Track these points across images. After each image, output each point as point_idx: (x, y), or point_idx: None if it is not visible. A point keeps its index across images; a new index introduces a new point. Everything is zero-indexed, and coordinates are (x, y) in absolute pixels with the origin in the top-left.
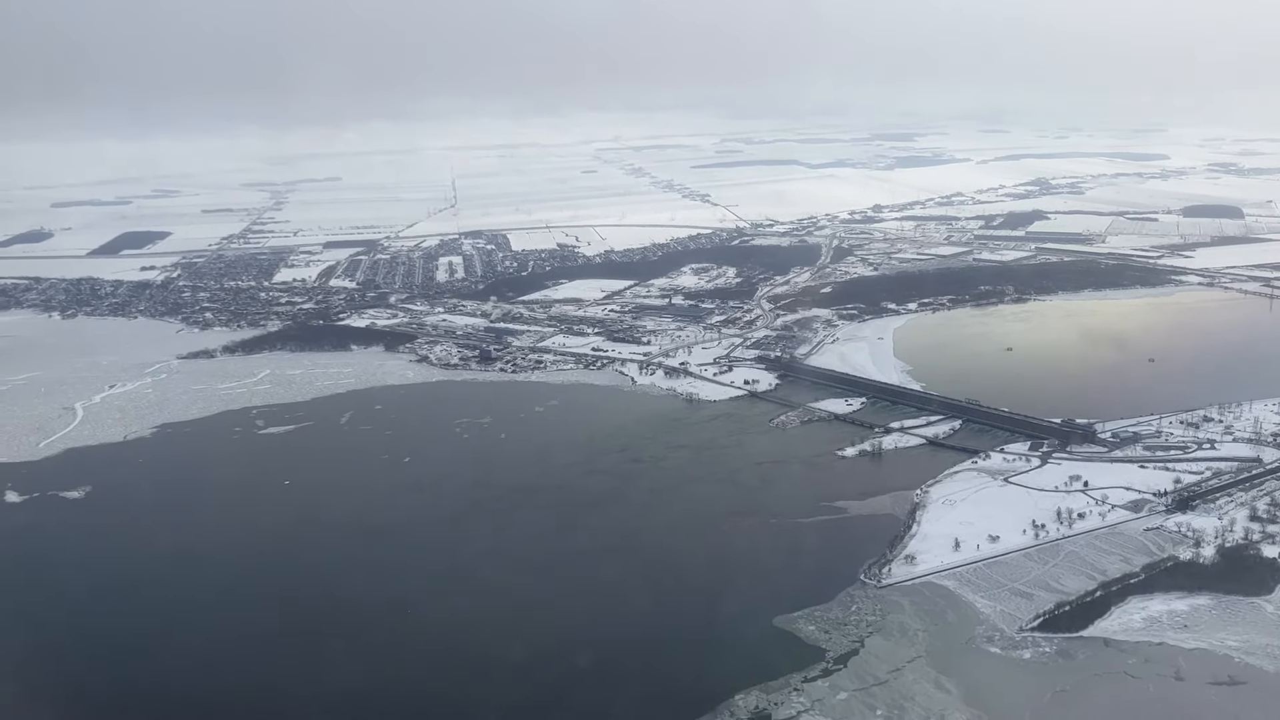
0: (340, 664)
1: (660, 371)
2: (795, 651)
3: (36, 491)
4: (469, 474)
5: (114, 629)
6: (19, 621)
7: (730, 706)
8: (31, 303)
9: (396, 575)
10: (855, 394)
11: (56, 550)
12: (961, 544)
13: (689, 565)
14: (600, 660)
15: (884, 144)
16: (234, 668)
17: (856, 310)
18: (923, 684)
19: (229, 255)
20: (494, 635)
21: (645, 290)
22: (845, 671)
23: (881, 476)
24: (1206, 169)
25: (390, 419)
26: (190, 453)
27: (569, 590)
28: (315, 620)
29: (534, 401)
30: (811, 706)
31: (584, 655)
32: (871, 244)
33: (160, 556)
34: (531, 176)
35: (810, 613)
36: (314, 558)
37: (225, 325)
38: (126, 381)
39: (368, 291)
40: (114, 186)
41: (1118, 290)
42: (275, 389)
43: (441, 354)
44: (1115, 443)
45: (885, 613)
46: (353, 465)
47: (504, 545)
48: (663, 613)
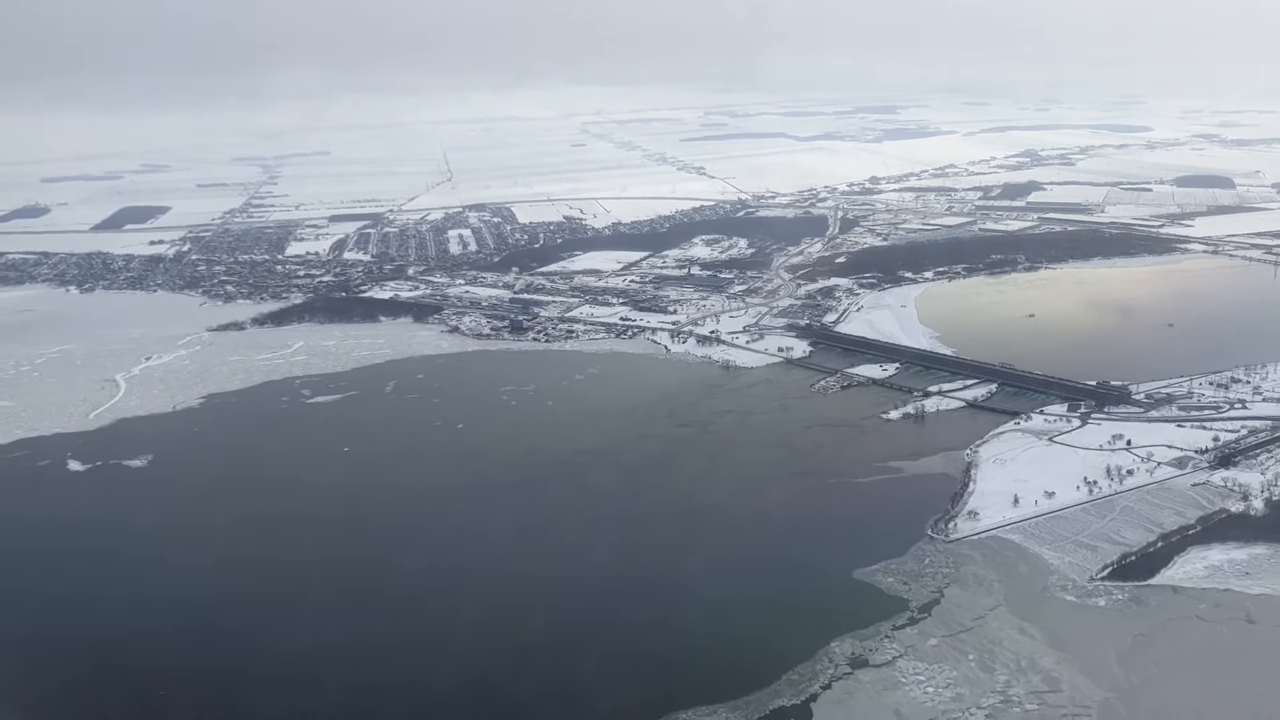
0: (443, 621)
1: (693, 340)
2: (879, 602)
3: (99, 460)
4: (524, 440)
5: (220, 588)
6: (124, 584)
7: (828, 653)
8: (44, 277)
9: (474, 537)
10: (889, 360)
11: (138, 516)
12: (1020, 500)
13: (760, 524)
14: (695, 612)
15: (868, 117)
16: (340, 625)
17: (875, 279)
18: (1007, 630)
19: (235, 229)
20: (587, 592)
21: (661, 261)
22: (931, 620)
23: (928, 438)
24: (1190, 140)
25: (435, 388)
26: (243, 422)
27: (648, 548)
28: (408, 579)
29: (573, 370)
30: (905, 652)
31: (678, 608)
32: (875, 215)
33: (242, 520)
34: (521, 150)
35: (886, 566)
36: (392, 521)
37: (247, 298)
38: (162, 354)
39: (384, 264)
40: (101, 161)
41: (1126, 258)
42: (312, 360)
43: (471, 324)
44: (1150, 403)
45: (958, 565)
46: (407, 432)
47: (573, 507)
48: (746, 568)
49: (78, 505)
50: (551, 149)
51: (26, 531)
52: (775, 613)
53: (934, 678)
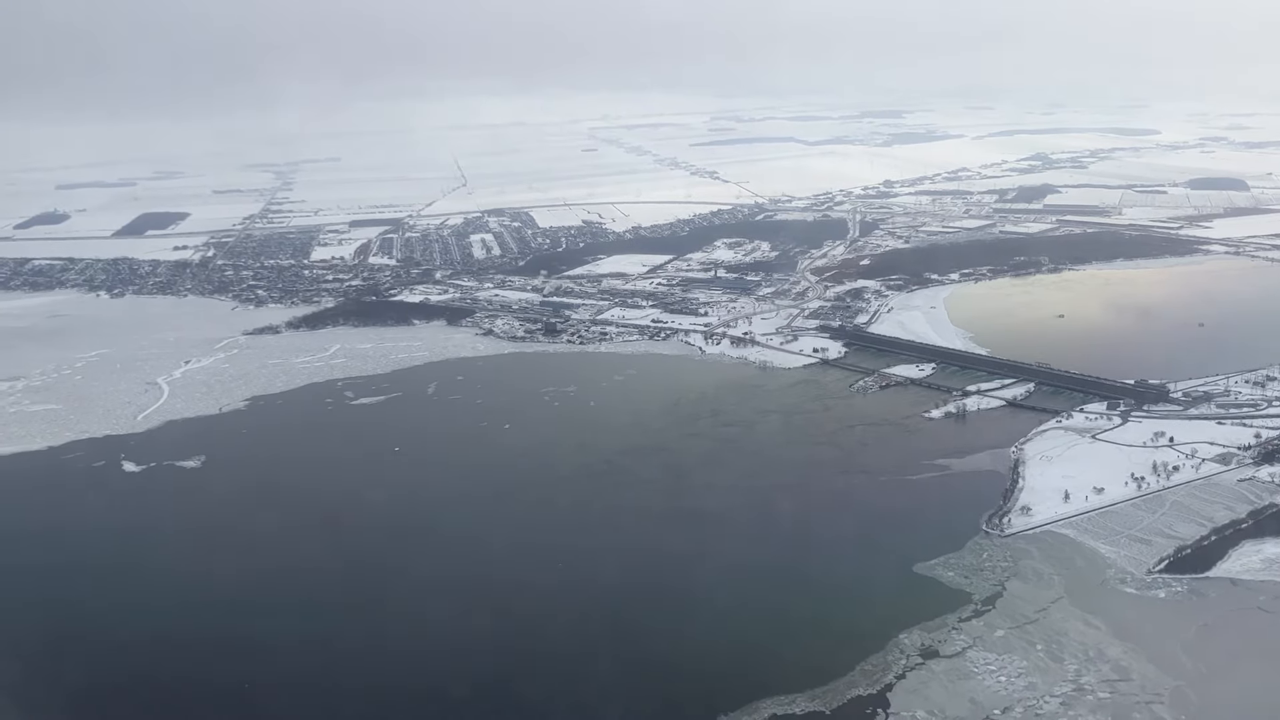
0: (529, 613)
1: (726, 341)
2: (942, 595)
3: (152, 461)
4: (571, 439)
5: (290, 587)
6: (195, 582)
7: (898, 644)
8: (73, 282)
9: (537, 533)
10: (924, 360)
11: (199, 516)
12: (1071, 496)
13: (816, 520)
14: (764, 604)
15: (874, 121)
16: (413, 624)
17: (901, 281)
18: (1071, 621)
19: (257, 235)
20: (656, 586)
21: (685, 264)
22: (995, 612)
23: (972, 436)
24: (1199, 143)
25: (476, 389)
26: (290, 423)
27: (709, 544)
28: (478, 570)
29: (611, 371)
30: (974, 643)
31: (747, 601)
32: (893, 218)
33: (305, 520)
34: (532, 155)
35: (945, 560)
36: (455, 520)
37: (278, 302)
38: (200, 357)
39: (411, 268)
40: (113, 168)
41: (1148, 259)
42: (351, 362)
43: (505, 327)
44: (1188, 401)
45: (1016, 559)
46: (456, 433)
47: (629, 502)
48: (808, 563)
49: (139, 506)
50: (562, 154)
51: (95, 533)
52: (842, 606)
53: (1005, 667)
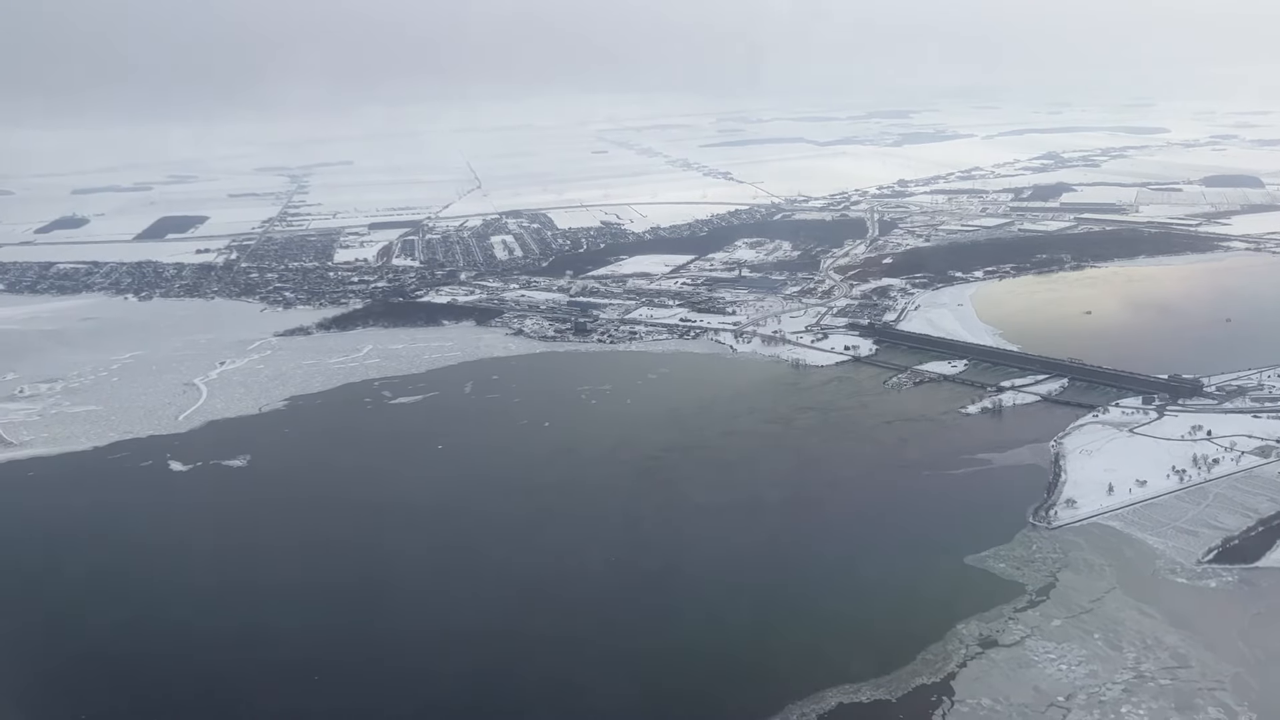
0: (594, 607)
1: (757, 339)
2: (995, 586)
3: (199, 461)
4: (611, 436)
5: (350, 581)
6: (256, 576)
7: (956, 634)
8: (99, 286)
9: (590, 528)
10: (956, 356)
11: (251, 513)
12: (1114, 488)
13: (865, 514)
14: (821, 597)
15: (882, 121)
16: (475, 614)
17: (926, 279)
18: (1126, 611)
19: (278, 238)
20: (713, 579)
21: (708, 264)
22: (1049, 602)
23: (1010, 431)
24: (1210, 140)
25: (512, 388)
26: (332, 422)
27: (760, 536)
28: (535, 561)
29: (644, 369)
30: (1031, 633)
31: (804, 594)
32: (911, 217)
33: (357, 516)
34: (543, 157)
35: (996, 552)
36: (505, 515)
37: (306, 304)
38: (235, 358)
39: (435, 270)
40: (127, 173)
41: (1170, 256)
42: (385, 362)
43: (535, 327)
44: (1222, 395)
45: (1066, 551)
46: (497, 430)
47: (676, 498)
48: (861, 556)
49: (193, 505)
50: (573, 156)
51: (154, 532)
52: (898, 598)
53: (1065, 656)
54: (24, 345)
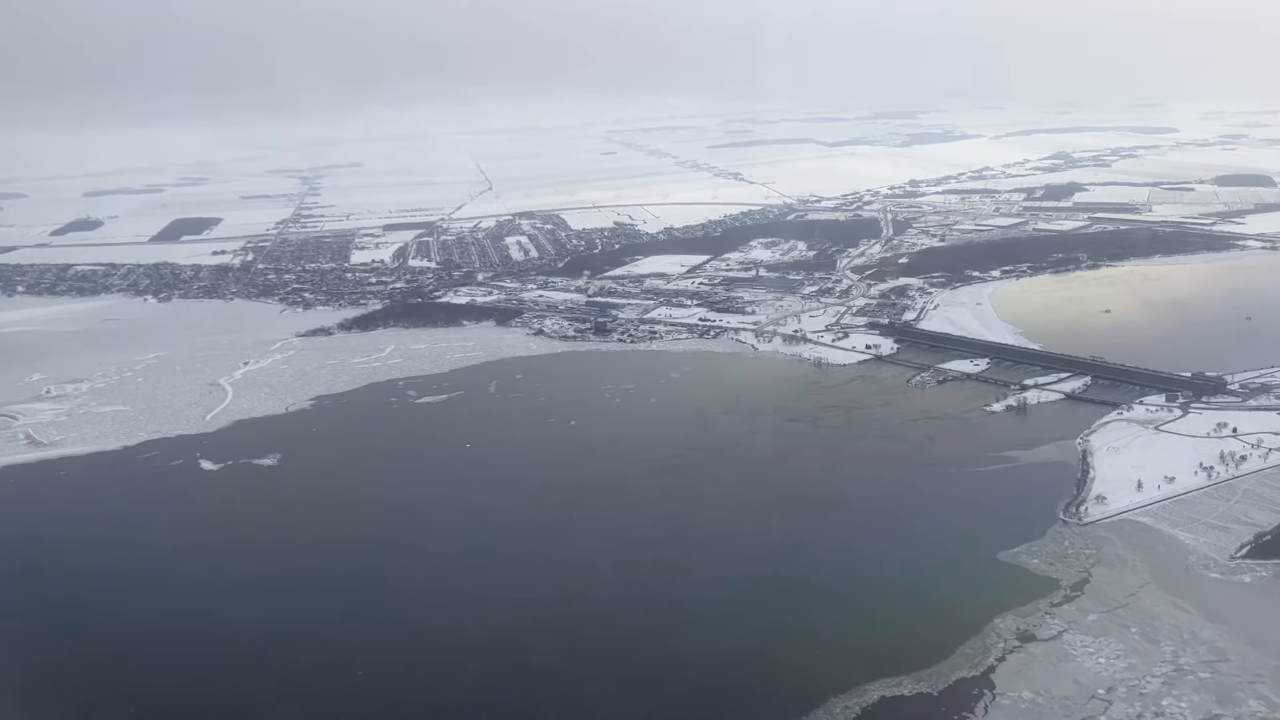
0: (632, 605)
1: (778, 338)
2: (1030, 582)
3: (229, 460)
4: (637, 435)
5: (390, 579)
6: (298, 573)
7: (994, 629)
8: (118, 287)
9: (622, 529)
10: (978, 355)
11: (287, 512)
12: (1143, 485)
13: (894, 511)
14: (857, 591)
15: (890, 122)
16: (512, 613)
17: (943, 278)
18: (1161, 606)
19: (293, 239)
20: (746, 577)
21: (724, 264)
22: (1084, 597)
23: (1035, 428)
24: (1220, 140)
25: (536, 387)
26: (359, 421)
27: (794, 536)
28: (569, 561)
29: (666, 369)
30: (1068, 627)
31: (840, 587)
32: (925, 217)
33: (391, 514)
34: (552, 159)
35: (1028, 548)
36: (536, 513)
37: (326, 305)
38: (257, 359)
39: (452, 270)
40: (138, 175)
41: (1185, 255)
42: (408, 362)
43: (555, 327)
44: (1246, 393)
45: (1098, 546)
46: (523, 430)
47: (708, 497)
48: (894, 552)
49: (225, 502)
50: (583, 157)
51: (189, 529)
52: (934, 593)
53: (1103, 650)
54: (48, 346)
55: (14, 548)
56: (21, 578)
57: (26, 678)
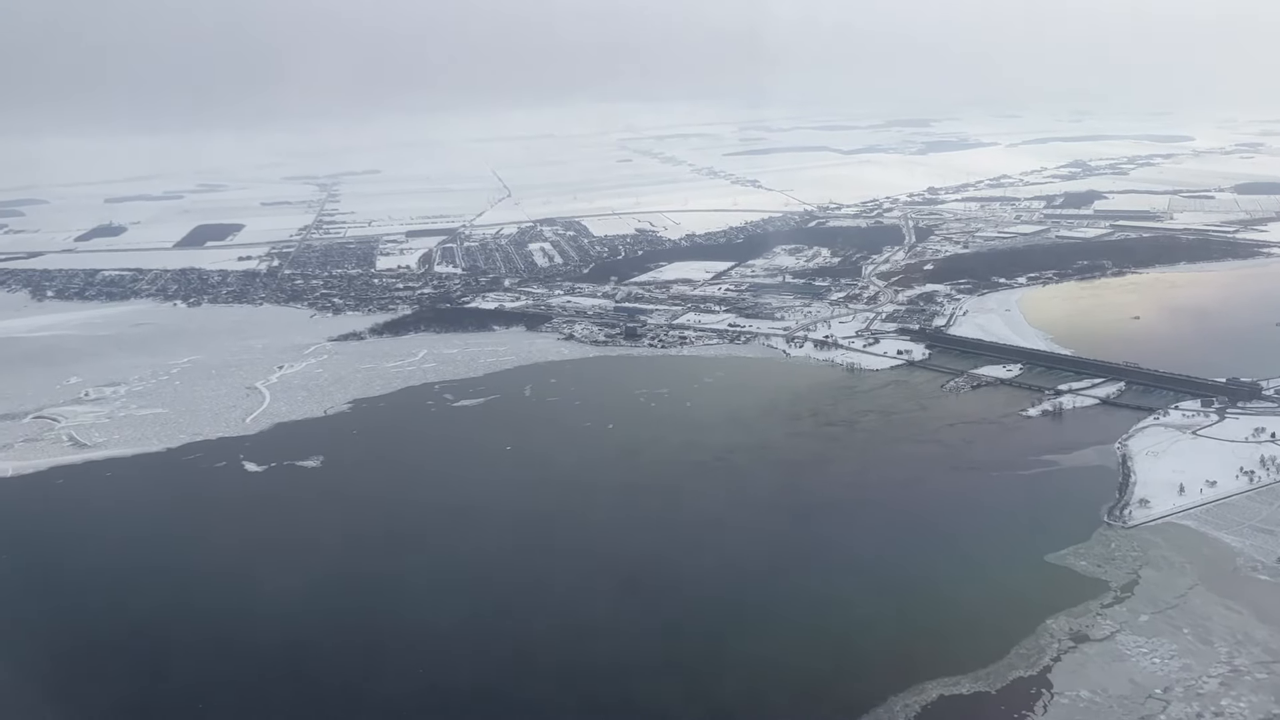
0: (667, 600)
1: (809, 344)
2: (1079, 583)
3: (272, 461)
4: (675, 438)
5: (457, 572)
6: (357, 571)
7: (1047, 629)
8: (146, 292)
9: (671, 529)
10: (1010, 360)
11: (336, 512)
12: (1185, 489)
13: (939, 513)
14: (909, 593)
15: (903, 129)
16: (573, 610)
17: (970, 285)
18: (1213, 607)
19: (317, 245)
20: (802, 576)
21: (749, 270)
22: (1134, 598)
23: (1073, 433)
24: (1236, 149)
25: (571, 391)
26: (398, 424)
27: (840, 534)
28: (623, 559)
29: (699, 373)
30: (1121, 628)
31: (891, 589)
32: (946, 224)
33: (442, 513)
34: (568, 166)
35: (1075, 550)
36: (583, 514)
37: (355, 310)
38: (291, 363)
39: (478, 276)
40: (157, 182)
41: (1210, 263)
42: (441, 366)
43: (585, 332)
44: None
45: (1144, 549)
46: (562, 432)
47: (751, 497)
48: (943, 553)
49: (273, 502)
50: (599, 164)
51: (241, 529)
52: (984, 594)
53: (1156, 650)
54: (82, 349)
55: (80, 544)
56: (94, 573)
57: (140, 670)
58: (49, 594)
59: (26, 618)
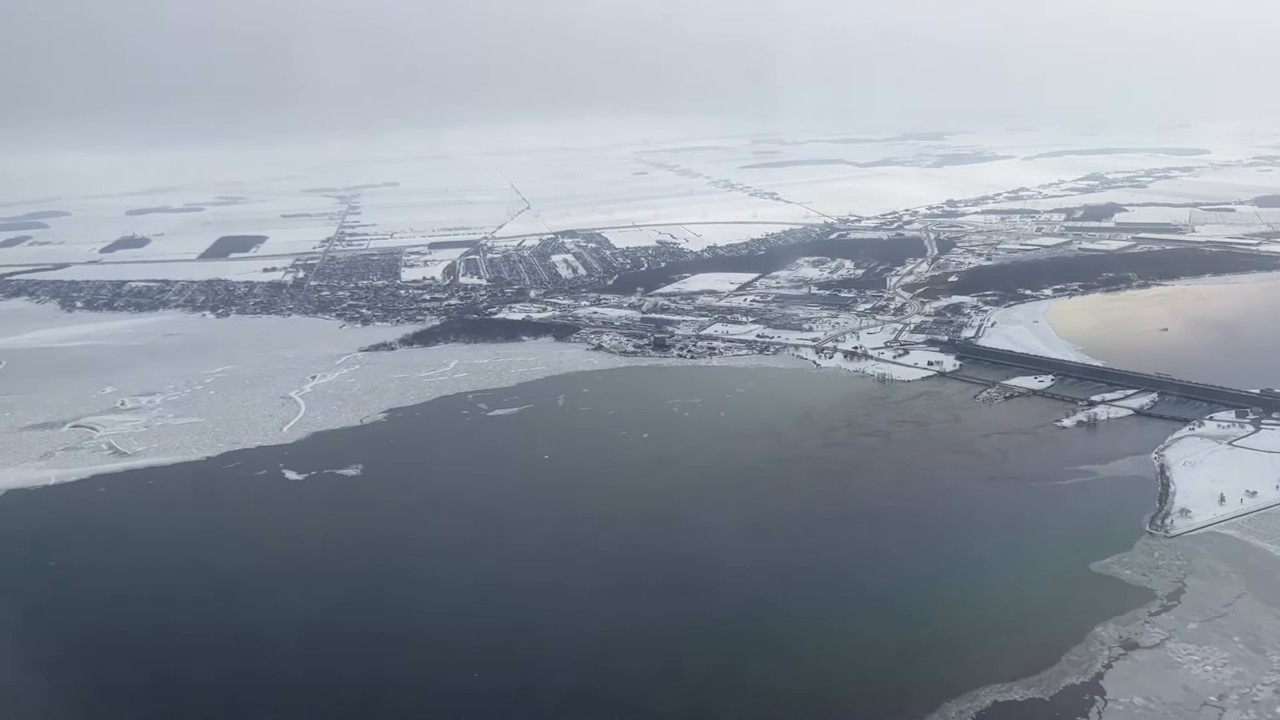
0: (720, 608)
1: (839, 355)
2: (1125, 591)
3: (313, 470)
4: (711, 448)
5: (506, 578)
6: (413, 577)
7: (1096, 637)
8: (174, 303)
9: (713, 534)
10: (1042, 371)
11: (382, 519)
12: (1226, 498)
13: (980, 523)
14: (957, 600)
15: (918, 143)
16: (623, 614)
17: (996, 297)
18: (1262, 615)
19: (340, 257)
20: (846, 584)
21: (773, 282)
22: (1182, 607)
23: (1108, 443)
24: (1253, 161)
25: (604, 400)
26: (434, 433)
27: (884, 543)
28: (671, 570)
29: (731, 383)
30: (1170, 635)
31: (940, 596)
32: (968, 236)
33: (486, 521)
34: (585, 179)
35: (1119, 559)
36: (622, 519)
37: (384, 321)
38: (324, 373)
39: (503, 288)
40: (177, 194)
41: (1235, 275)
42: (473, 376)
43: (613, 342)
44: None
45: (1189, 558)
46: (598, 441)
47: (791, 508)
48: (988, 561)
49: (317, 510)
50: (615, 177)
51: (289, 536)
52: (1031, 602)
53: (1208, 658)
54: (115, 360)
55: (132, 548)
56: (150, 576)
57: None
58: (109, 599)
59: (88, 622)
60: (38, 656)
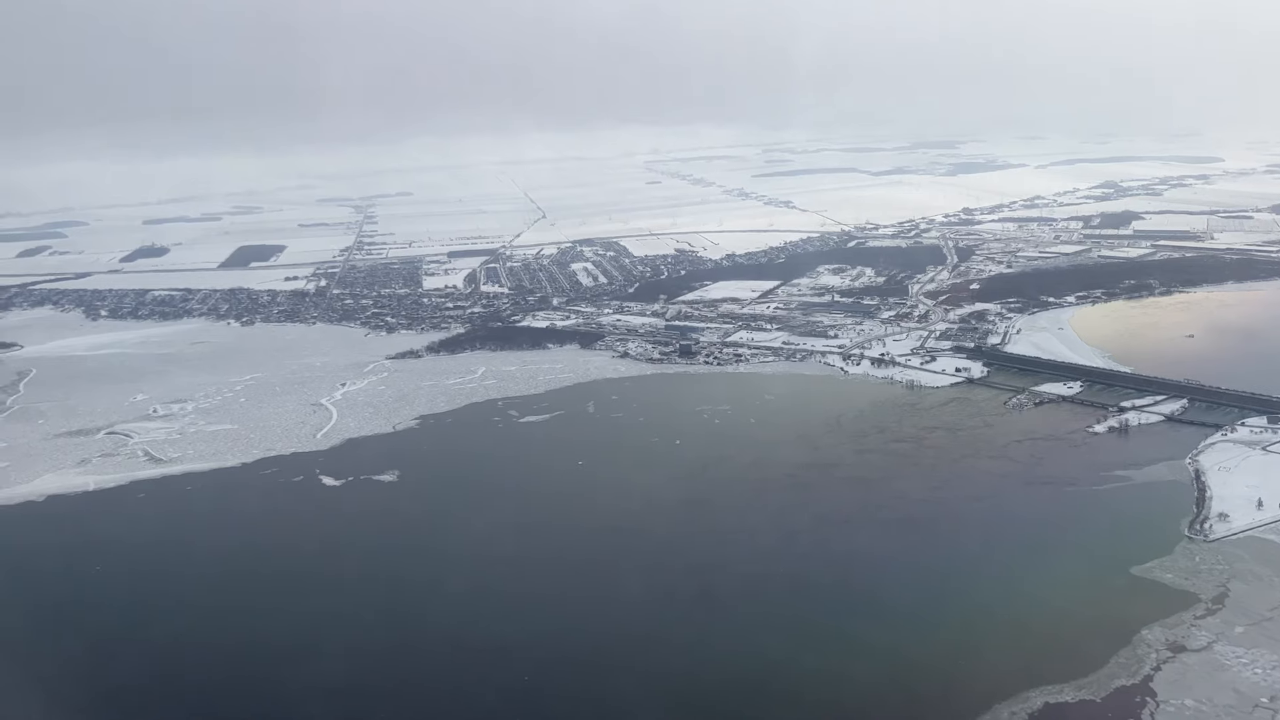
0: (759, 615)
1: (866, 361)
2: (1169, 595)
3: (350, 476)
4: (743, 455)
5: (554, 583)
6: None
7: (1143, 640)
8: (198, 311)
9: (746, 540)
10: (1070, 378)
11: (424, 523)
12: (1264, 503)
13: (1018, 528)
14: (1001, 604)
15: (929, 152)
16: (654, 620)
17: (1020, 304)
18: None
19: (361, 265)
20: (893, 589)
21: (795, 289)
22: (1226, 610)
23: (1141, 449)
24: (1268, 169)
25: (634, 407)
26: (468, 439)
27: (925, 548)
28: (711, 574)
29: (759, 390)
30: (1217, 638)
31: (985, 599)
32: (986, 244)
33: (526, 526)
34: (599, 188)
35: (1160, 563)
36: (660, 525)
37: (409, 329)
38: (353, 380)
39: (526, 296)
40: (194, 204)
41: (1258, 282)
42: (502, 383)
43: (639, 349)
44: None
45: (1230, 562)
46: (630, 448)
47: (827, 511)
48: (1029, 565)
49: (357, 516)
50: (629, 186)
51: (332, 540)
52: (1076, 606)
53: (1257, 660)
54: (144, 368)
55: (175, 553)
56: (194, 580)
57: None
58: (160, 603)
59: (137, 625)
60: (96, 660)
